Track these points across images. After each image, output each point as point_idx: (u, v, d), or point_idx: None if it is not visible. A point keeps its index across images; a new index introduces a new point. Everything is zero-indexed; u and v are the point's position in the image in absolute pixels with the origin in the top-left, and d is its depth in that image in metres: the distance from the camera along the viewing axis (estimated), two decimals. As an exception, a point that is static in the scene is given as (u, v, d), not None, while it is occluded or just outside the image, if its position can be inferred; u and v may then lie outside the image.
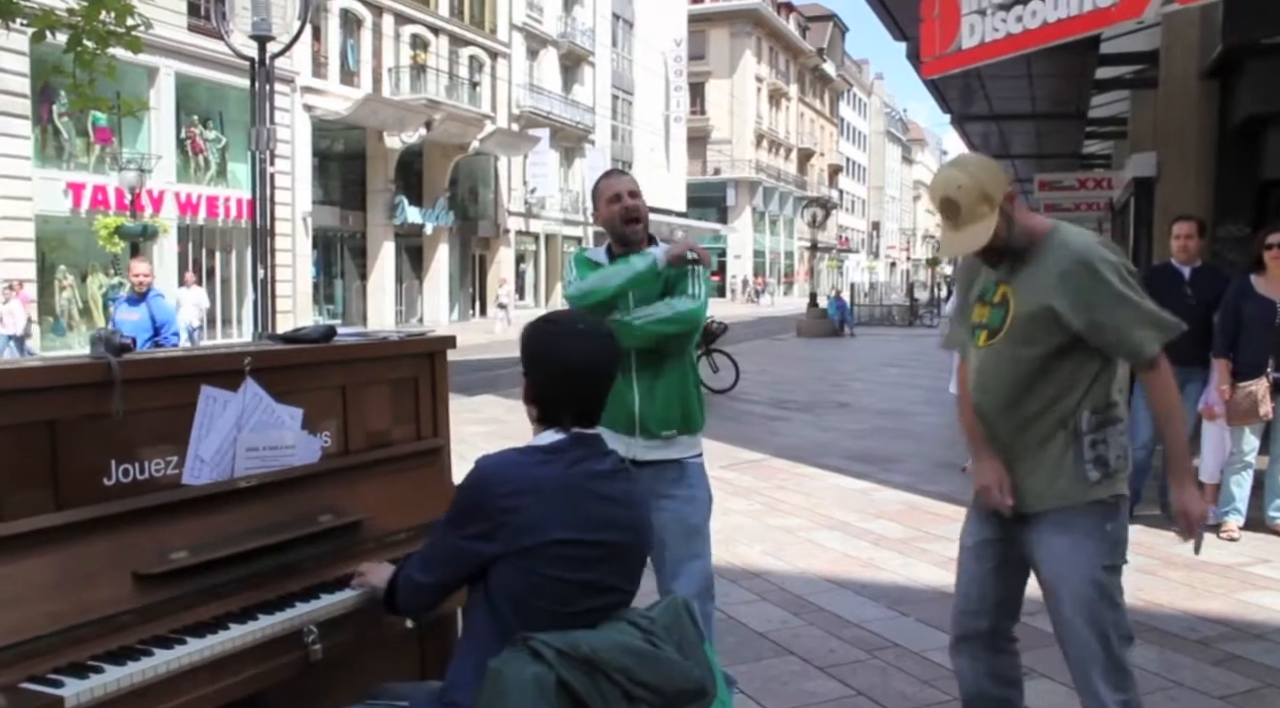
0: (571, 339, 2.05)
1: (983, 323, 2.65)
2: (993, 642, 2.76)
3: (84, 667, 1.88)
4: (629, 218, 3.11)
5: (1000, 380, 2.59)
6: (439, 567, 2.05)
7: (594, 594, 1.95)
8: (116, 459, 2.19)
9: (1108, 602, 2.54)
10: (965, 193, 2.48)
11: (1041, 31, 7.13)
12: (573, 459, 1.99)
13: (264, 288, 10.26)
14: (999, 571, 2.72)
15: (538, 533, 1.90)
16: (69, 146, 20.15)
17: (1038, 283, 2.51)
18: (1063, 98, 15.05)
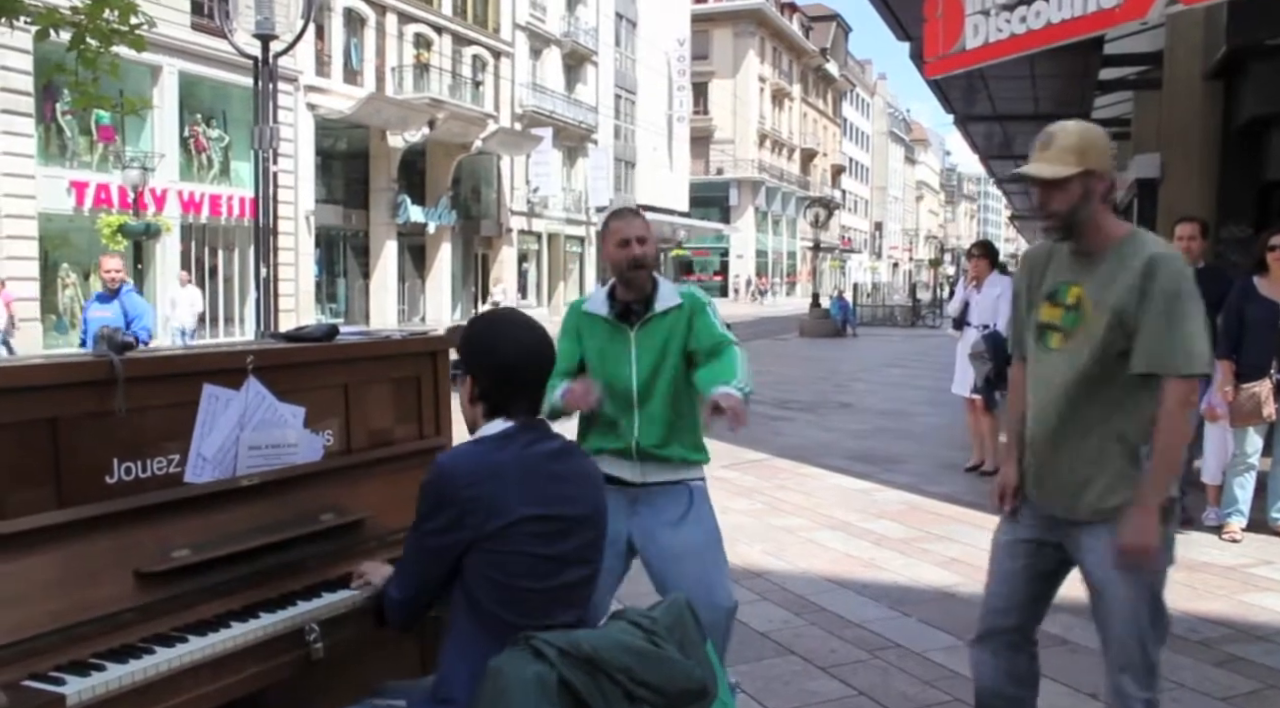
0: (514, 333, 2.13)
1: (1055, 324, 2.59)
2: (1015, 641, 2.75)
3: (86, 665, 1.88)
4: (635, 265, 3.09)
5: (1071, 384, 2.53)
6: (412, 576, 2.08)
7: (566, 567, 2.03)
8: (119, 457, 2.19)
9: (1154, 605, 2.53)
10: (1066, 136, 2.49)
11: (1045, 32, 7.13)
12: (525, 442, 2.07)
13: (267, 286, 10.28)
14: (1029, 570, 2.70)
15: (505, 514, 1.96)
16: (72, 145, 20.17)
17: (1115, 284, 2.47)
18: (1066, 99, 15.03)
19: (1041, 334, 2.62)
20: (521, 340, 2.12)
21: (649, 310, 3.12)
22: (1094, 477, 2.52)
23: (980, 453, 7.96)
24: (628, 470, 3.12)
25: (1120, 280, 2.46)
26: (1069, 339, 2.54)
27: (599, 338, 3.17)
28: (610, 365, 3.13)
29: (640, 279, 3.10)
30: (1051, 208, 2.50)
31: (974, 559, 5.46)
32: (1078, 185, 2.46)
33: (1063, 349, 2.56)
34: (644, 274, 3.10)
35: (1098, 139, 2.51)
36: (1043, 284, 2.65)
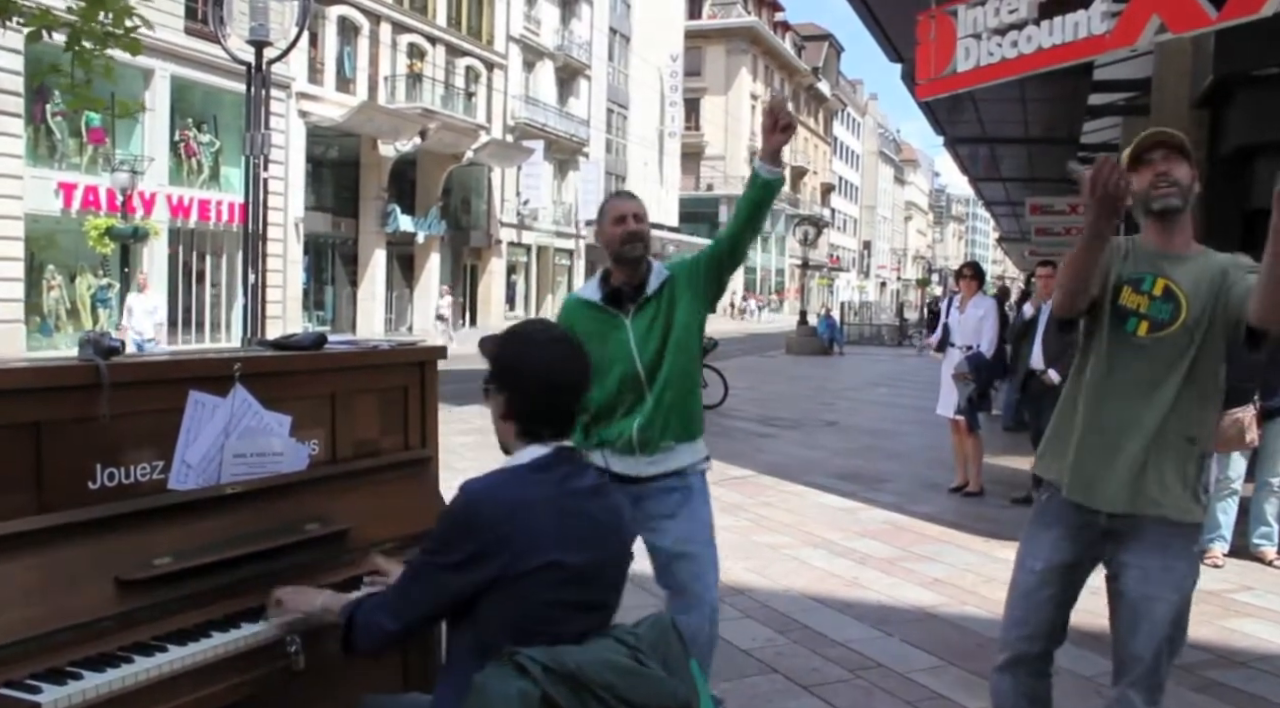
0: (548, 351, 2.03)
1: (1143, 312, 2.56)
2: (1039, 667, 2.75)
3: (63, 673, 1.86)
4: (628, 238, 3.10)
5: (1162, 376, 2.53)
6: (417, 607, 1.94)
7: (587, 613, 1.93)
8: (102, 463, 2.17)
9: (1179, 625, 2.56)
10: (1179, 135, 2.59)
11: (1036, 57, 7.18)
12: (560, 477, 1.96)
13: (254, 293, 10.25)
14: (1058, 598, 2.68)
15: (533, 556, 1.85)
16: (61, 146, 20.08)
17: (1206, 277, 2.52)
18: (1056, 123, 15.16)
19: (1123, 318, 2.59)
20: (554, 359, 2.02)
21: (641, 294, 3.14)
22: (1161, 470, 2.52)
23: (964, 474, 7.98)
24: (632, 465, 3.14)
25: (1211, 277, 2.52)
26: (1162, 330, 2.54)
27: (594, 329, 3.13)
28: (611, 353, 3.12)
29: (636, 254, 3.12)
30: (1176, 176, 2.54)
31: (957, 580, 5.47)
32: (1193, 171, 2.56)
33: (1154, 340, 2.54)
34: (640, 248, 3.13)
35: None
36: (1124, 269, 2.63)
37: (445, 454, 3.16)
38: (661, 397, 3.13)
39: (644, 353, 3.13)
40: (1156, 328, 2.54)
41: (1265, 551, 5.85)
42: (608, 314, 3.16)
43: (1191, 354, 2.52)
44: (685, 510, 3.21)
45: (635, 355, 3.13)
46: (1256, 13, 5.77)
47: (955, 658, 4.25)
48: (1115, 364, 2.60)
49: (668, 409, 3.14)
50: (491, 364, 2.05)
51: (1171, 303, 2.54)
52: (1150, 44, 7.38)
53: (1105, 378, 2.61)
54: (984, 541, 6.34)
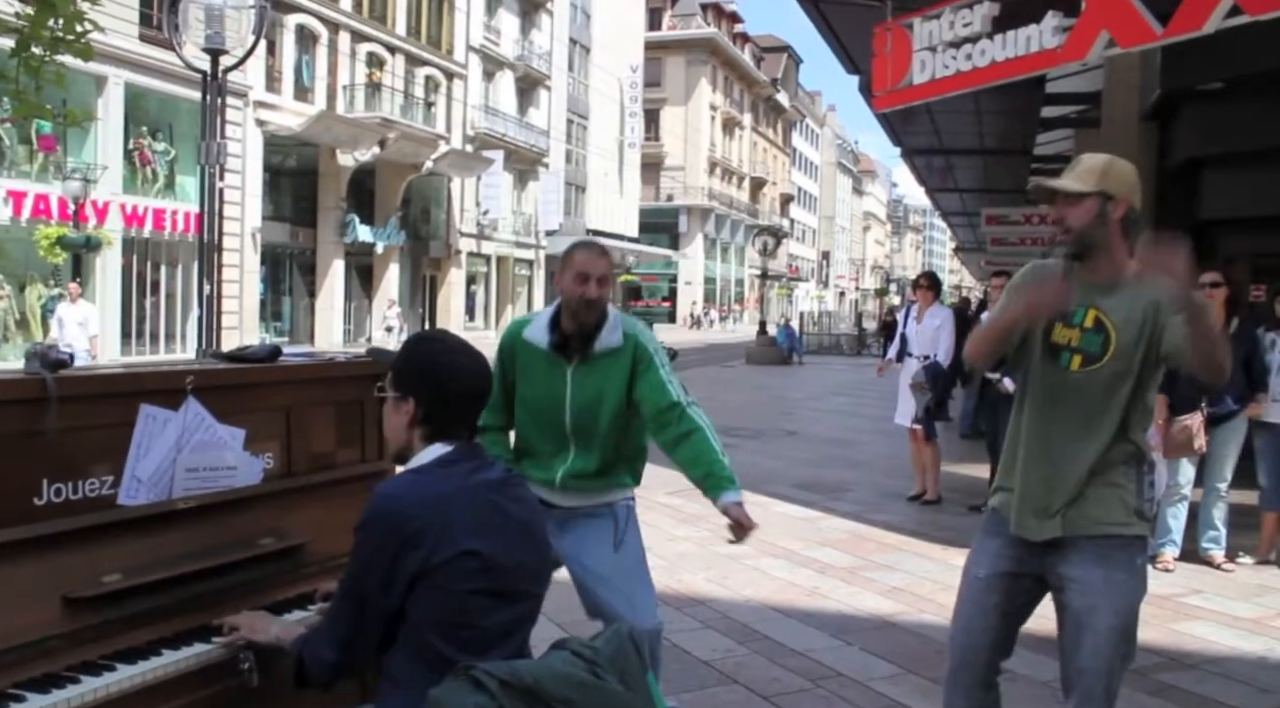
0: (462, 356, 2.09)
1: (1074, 346, 2.57)
2: (986, 677, 2.73)
3: (4, 696, 1.82)
4: (587, 305, 2.96)
5: (1098, 407, 2.54)
6: (350, 627, 1.95)
7: (510, 602, 1.99)
8: (49, 478, 2.13)
9: (1126, 637, 2.56)
10: (1092, 160, 2.57)
11: (989, 70, 7.29)
12: (468, 471, 2.02)
13: (210, 304, 10.12)
14: (1002, 607, 2.67)
15: (450, 545, 1.90)
16: (10, 153, 19.71)
17: (1137, 308, 2.51)
18: (1010, 134, 15.38)
19: (1055, 355, 2.60)
20: (465, 364, 2.08)
21: (588, 348, 3.02)
22: (1092, 500, 2.54)
23: (922, 483, 8.05)
24: (555, 497, 3.09)
25: (1142, 307, 2.50)
26: (1094, 364, 2.54)
27: (534, 367, 3.08)
28: (544, 398, 3.06)
29: (590, 320, 2.99)
30: (1069, 223, 2.54)
31: (916, 588, 5.51)
32: (1094, 205, 2.51)
33: (1088, 374, 2.55)
34: (595, 315, 2.99)
35: (1123, 170, 2.56)
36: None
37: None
38: (589, 453, 3.07)
39: (576, 408, 3.04)
40: (1089, 362, 2.55)
41: (1214, 555, 5.96)
42: (550, 357, 3.05)
43: (1130, 383, 2.53)
44: (607, 536, 3.13)
45: (567, 408, 3.04)
46: (1200, 29, 5.91)
47: (915, 666, 4.28)
48: (1053, 399, 2.61)
49: (597, 465, 3.08)
50: (400, 369, 2.09)
51: (1101, 335, 2.54)
52: (1100, 58, 7.53)
53: (1044, 413, 2.62)
54: (942, 548, 6.40)
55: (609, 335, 3.03)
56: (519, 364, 3.12)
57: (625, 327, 3.07)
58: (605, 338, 3.02)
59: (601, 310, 3.01)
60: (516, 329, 3.16)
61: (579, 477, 3.09)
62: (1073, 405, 2.57)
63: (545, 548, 2.14)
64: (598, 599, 3.09)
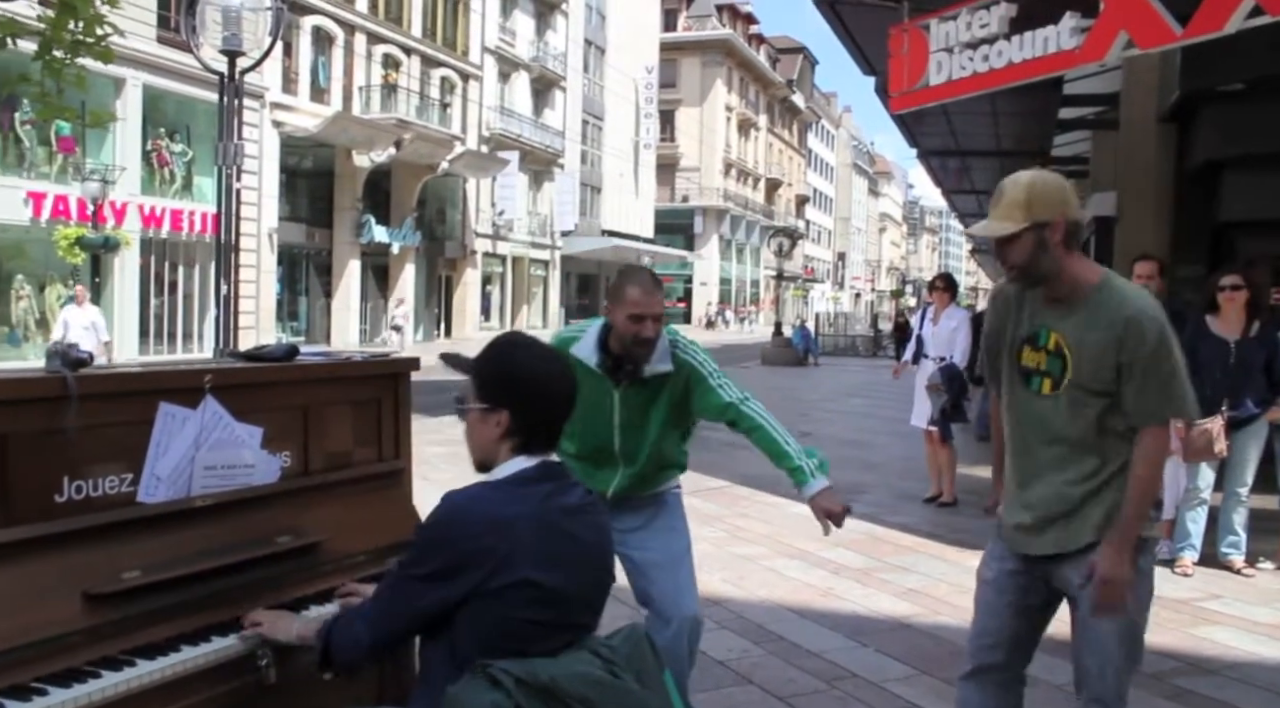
0: (555, 364, 2.01)
1: (1041, 369, 2.58)
2: (1005, 679, 2.71)
3: (28, 689, 1.83)
4: (641, 343, 2.94)
5: (1066, 430, 2.53)
6: (393, 620, 1.91)
7: (563, 632, 1.90)
8: (69, 476, 2.14)
9: (1129, 638, 2.55)
10: (1014, 189, 2.50)
11: (1007, 71, 7.27)
12: (544, 493, 1.91)
13: (227, 304, 10.18)
14: (1015, 606, 2.66)
15: (510, 573, 1.82)
16: (31, 155, 19.87)
17: (1098, 333, 2.47)
18: (1026, 136, 15.32)
19: (1026, 379, 2.61)
20: (558, 372, 2.00)
21: (638, 372, 3.02)
22: (1084, 518, 2.52)
23: (938, 485, 8.02)
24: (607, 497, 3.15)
25: (1099, 333, 2.47)
26: (1059, 388, 2.54)
27: (582, 383, 3.10)
28: (591, 417, 3.05)
29: (642, 357, 2.98)
30: (1011, 261, 2.51)
31: (932, 590, 5.49)
32: (1029, 238, 2.46)
33: (1054, 396, 2.54)
34: (647, 353, 2.98)
35: (1048, 188, 2.49)
36: (1020, 326, 2.63)
37: (419, 466, 3.15)
38: (642, 470, 3.13)
39: (625, 430, 3.08)
40: (1057, 385, 2.54)
41: (1234, 559, 5.91)
42: (598, 376, 3.04)
43: (1101, 403, 2.49)
44: (659, 522, 3.20)
45: (615, 431, 3.08)
46: (1221, 30, 5.87)
47: (930, 668, 4.26)
48: (1030, 421, 2.60)
49: (646, 479, 3.15)
50: (489, 378, 1.98)
51: (1060, 359, 2.53)
52: (1118, 59, 7.49)
53: (1024, 434, 2.63)
54: (958, 550, 6.37)
55: (658, 362, 3.02)
56: None
57: (676, 349, 3.06)
58: (655, 364, 3.02)
59: (649, 353, 3.00)
60: (564, 345, 3.12)
61: (629, 489, 3.15)
62: (1050, 427, 2.55)
63: (609, 579, 2.06)
64: (647, 585, 3.14)
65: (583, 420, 3.06)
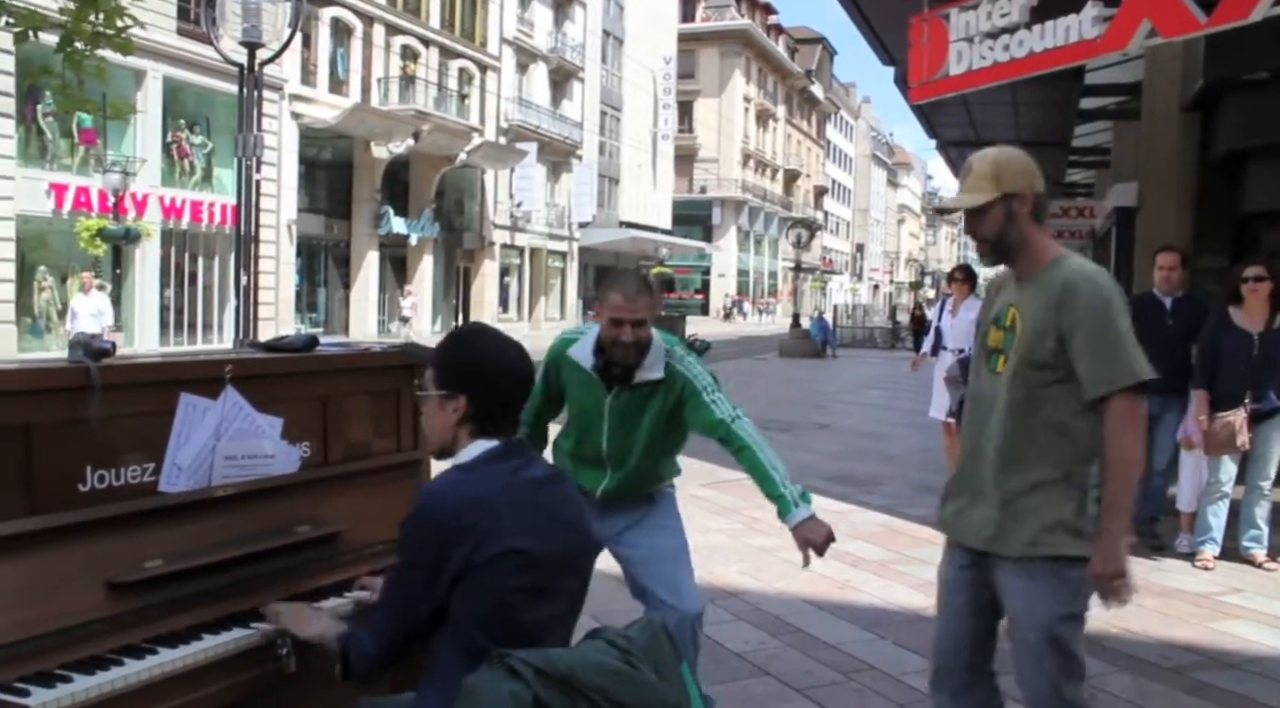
0: (510, 350, 2.08)
1: (998, 348, 2.55)
2: (970, 678, 2.67)
3: (52, 676, 1.85)
4: (620, 347, 2.93)
5: (1005, 408, 2.48)
6: (395, 622, 1.98)
7: (553, 598, 1.99)
8: (92, 465, 2.16)
9: (1058, 651, 2.45)
10: (981, 163, 2.52)
11: (1027, 61, 7.20)
12: (512, 469, 2.01)
13: (247, 295, 10.24)
14: (971, 604, 2.63)
15: (494, 544, 1.90)
16: (52, 147, 20.03)
17: (1039, 302, 2.46)
18: (1047, 126, 15.20)
19: (989, 358, 2.59)
20: (513, 358, 2.07)
21: (629, 377, 3.01)
22: (1022, 515, 2.46)
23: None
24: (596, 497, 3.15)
25: (1040, 302, 2.46)
26: (1008, 362, 2.51)
27: (577, 383, 3.11)
28: (585, 419, 3.11)
29: (628, 361, 2.97)
30: (981, 234, 2.53)
31: (949, 583, 5.47)
32: (999, 209, 2.48)
33: (1007, 372, 2.51)
34: (631, 356, 2.96)
35: (1014, 161, 2.52)
36: (992, 309, 2.66)
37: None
38: (624, 476, 3.13)
39: (614, 434, 3.07)
40: (1007, 361, 2.51)
41: (1255, 553, 5.86)
42: (592, 379, 3.06)
43: (1026, 379, 2.45)
44: (650, 520, 3.17)
45: (605, 433, 3.08)
46: (1246, 18, 5.80)
47: (947, 660, 4.25)
48: (984, 403, 2.57)
49: (630, 483, 3.15)
50: (448, 366, 2.06)
51: (1012, 333, 2.51)
52: (1141, 48, 7.42)
53: (976, 418, 2.61)
54: (976, 543, 6.35)
55: (650, 369, 3.00)
56: (564, 379, 3.16)
57: (669, 358, 3.04)
58: (646, 371, 3.00)
59: (642, 347, 2.97)
60: (563, 346, 3.15)
61: (617, 491, 3.15)
62: (1002, 410, 2.50)
63: (588, 545, 2.13)
64: (641, 583, 3.14)
65: (578, 420, 3.11)
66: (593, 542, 2.17)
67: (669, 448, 3.20)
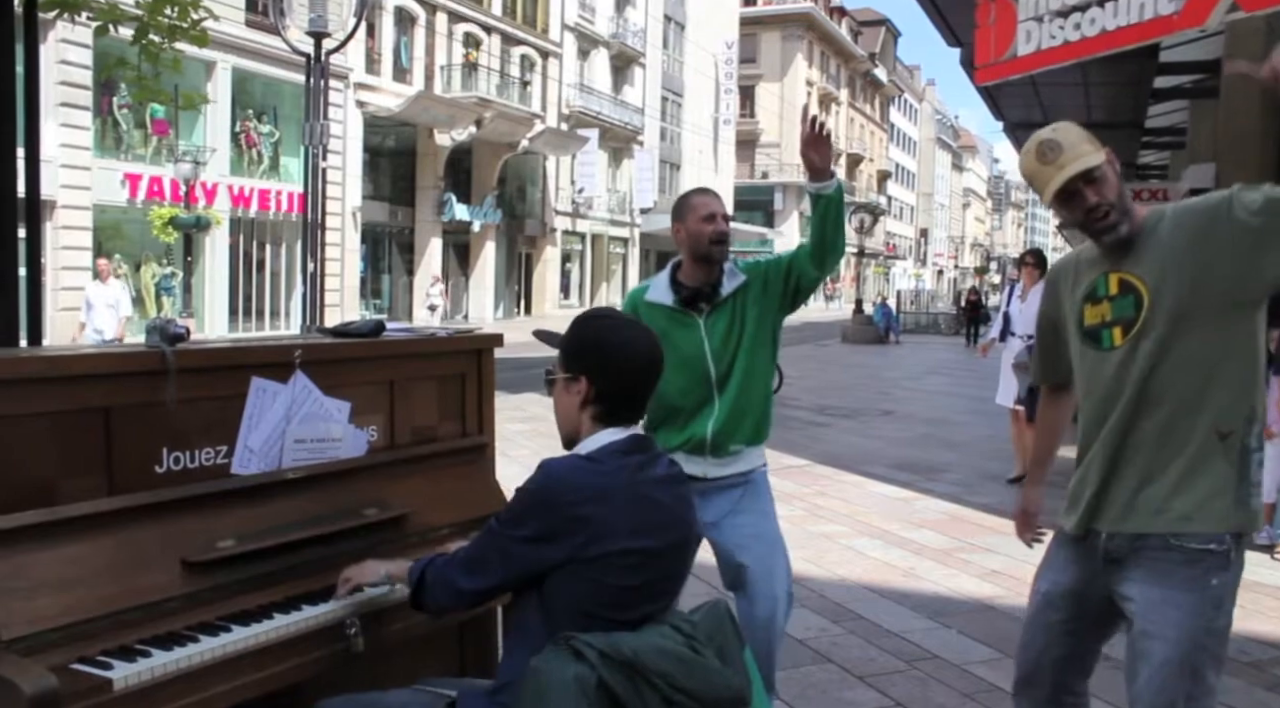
0: (628, 332, 2.05)
1: (1109, 320, 2.29)
2: (1055, 696, 2.46)
3: (132, 650, 1.91)
4: (718, 239, 3.05)
5: (1149, 373, 2.21)
6: (490, 572, 1.96)
7: (652, 599, 1.95)
8: (168, 447, 2.22)
9: (1189, 670, 2.16)
10: (1067, 133, 2.29)
11: (1100, 39, 7.02)
12: (636, 464, 1.96)
13: (313, 281, 10.41)
14: (1071, 625, 2.40)
15: (606, 542, 1.86)
16: (127, 138, 20.55)
17: (1167, 251, 2.21)
18: (1119, 107, 14.82)
19: (1095, 338, 2.32)
20: (636, 338, 2.04)
21: (716, 295, 3.09)
22: (1180, 489, 2.19)
23: (1023, 465, 7.86)
24: (698, 466, 3.10)
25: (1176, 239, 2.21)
26: (1133, 328, 2.24)
27: (665, 329, 3.06)
28: (683, 354, 3.07)
29: (722, 256, 3.08)
30: (1108, 201, 2.24)
31: (1015, 571, 5.39)
32: (1110, 169, 2.27)
33: (1131, 341, 2.24)
34: (726, 250, 3.09)
35: (1079, 128, 2.34)
36: (1076, 291, 2.39)
37: (500, 442, 3.18)
38: (736, 400, 3.10)
39: (718, 356, 3.09)
40: (1129, 327, 2.25)
41: (1337, 546, 5.68)
42: (679, 314, 3.11)
43: (1193, 338, 2.18)
44: (748, 505, 3.17)
45: (709, 357, 3.09)
46: (1333, -9, 5.58)
47: (1013, 651, 4.18)
48: (1105, 382, 2.29)
49: (741, 413, 3.12)
50: (569, 348, 2.04)
51: (1131, 294, 2.25)
52: (1220, 24, 7.18)
53: (1097, 402, 2.32)
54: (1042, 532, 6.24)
55: (730, 281, 3.11)
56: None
57: (742, 264, 3.17)
58: (729, 283, 3.11)
59: (727, 251, 3.10)
60: (638, 295, 3.25)
61: (726, 426, 3.10)
62: (1131, 387, 2.23)
63: (693, 545, 2.08)
64: (738, 569, 3.13)
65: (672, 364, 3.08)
66: (696, 537, 2.12)
67: (769, 357, 3.19)
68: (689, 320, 3.10)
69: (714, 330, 3.09)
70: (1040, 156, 2.29)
